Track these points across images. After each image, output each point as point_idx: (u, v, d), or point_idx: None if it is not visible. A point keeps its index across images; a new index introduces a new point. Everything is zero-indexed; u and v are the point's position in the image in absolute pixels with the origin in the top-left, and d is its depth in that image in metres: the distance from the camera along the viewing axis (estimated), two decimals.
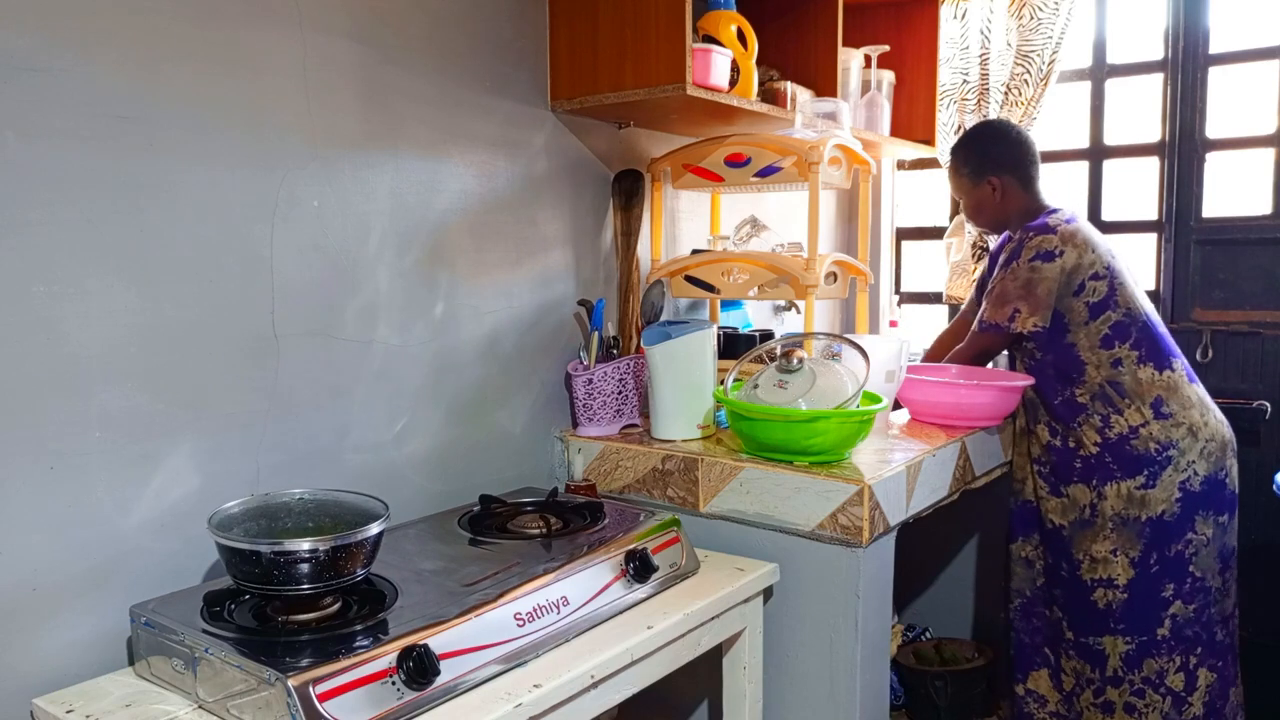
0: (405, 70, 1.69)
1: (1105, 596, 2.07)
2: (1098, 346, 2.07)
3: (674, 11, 1.79)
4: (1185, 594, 2.05)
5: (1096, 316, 2.06)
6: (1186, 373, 2.11)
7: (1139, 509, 2.04)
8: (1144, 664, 2.06)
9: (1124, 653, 2.06)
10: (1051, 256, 2.05)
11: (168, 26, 1.35)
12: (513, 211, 1.93)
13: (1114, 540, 2.06)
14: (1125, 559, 2.05)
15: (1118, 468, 2.06)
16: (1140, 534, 2.04)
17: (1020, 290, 2.07)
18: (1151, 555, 2.04)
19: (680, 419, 1.91)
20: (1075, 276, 2.05)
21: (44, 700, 1.22)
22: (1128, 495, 2.05)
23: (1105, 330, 2.06)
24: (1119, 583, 2.06)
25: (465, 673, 1.20)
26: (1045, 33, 2.69)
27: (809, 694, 1.70)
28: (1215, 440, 2.08)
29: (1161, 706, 2.05)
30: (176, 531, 1.40)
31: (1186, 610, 2.05)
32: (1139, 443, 2.05)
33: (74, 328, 1.27)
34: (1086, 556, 2.09)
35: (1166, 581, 2.04)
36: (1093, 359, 2.07)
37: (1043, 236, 2.07)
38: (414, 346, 1.74)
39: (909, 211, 3.31)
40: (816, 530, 1.66)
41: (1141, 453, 2.04)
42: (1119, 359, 2.06)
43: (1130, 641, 2.06)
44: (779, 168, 2.05)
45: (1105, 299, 2.06)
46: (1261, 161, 2.61)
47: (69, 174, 1.26)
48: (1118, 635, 2.07)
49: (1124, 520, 2.05)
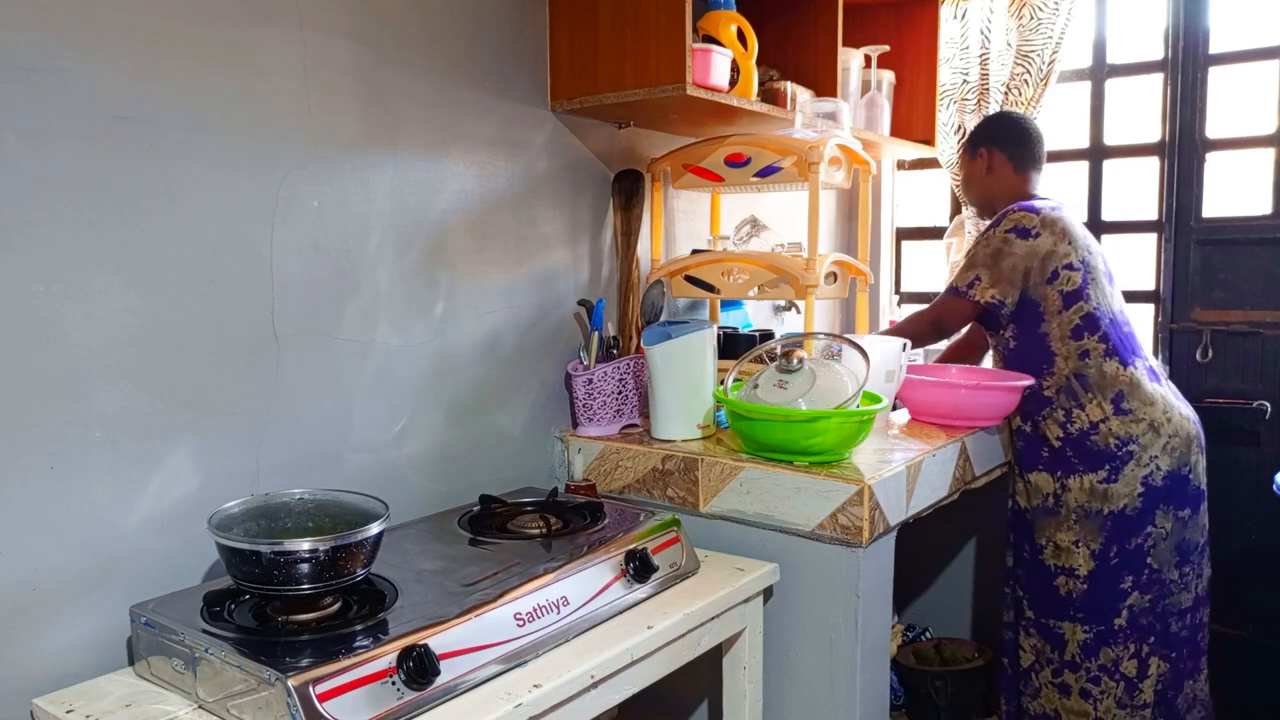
0: (405, 70, 1.69)
1: (1066, 585, 2.11)
2: (1068, 337, 2.10)
3: (674, 11, 1.79)
4: (1142, 585, 2.09)
5: (1069, 306, 2.09)
6: (1148, 372, 2.14)
7: (1101, 502, 2.08)
8: (1101, 652, 2.10)
9: (1082, 640, 2.10)
10: (1027, 234, 2.09)
11: (168, 26, 1.35)
12: (513, 211, 1.93)
13: (1076, 531, 2.09)
14: (1086, 550, 2.09)
15: (1079, 461, 2.09)
16: (1102, 527, 2.08)
17: (987, 258, 2.11)
18: (1112, 548, 2.08)
19: (680, 419, 1.91)
20: (1049, 263, 2.09)
21: (44, 700, 1.22)
22: (1090, 488, 2.08)
23: (1076, 320, 2.09)
24: (1079, 573, 2.10)
25: (465, 673, 1.20)
26: (1045, 33, 2.69)
27: (809, 694, 1.70)
28: (1179, 436, 2.10)
29: (1115, 692, 2.10)
30: (176, 531, 1.40)
31: (1143, 600, 2.09)
32: (1099, 438, 2.07)
33: (74, 328, 1.27)
34: (1050, 543, 2.13)
35: (1125, 573, 2.08)
36: (1062, 350, 2.10)
37: (1024, 213, 2.12)
38: (414, 346, 1.74)
39: (909, 211, 3.31)
40: (816, 530, 1.66)
41: (1102, 448, 2.07)
42: (1086, 350, 2.09)
43: (1089, 630, 2.10)
44: (779, 168, 2.05)
45: (1078, 290, 2.09)
46: (1261, 161, 2.61)
47: (69, 174, 1.26)
48: (1077, 623, 2.11)
49: (1087, 513, 2.09)
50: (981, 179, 2.31)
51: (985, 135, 2.31)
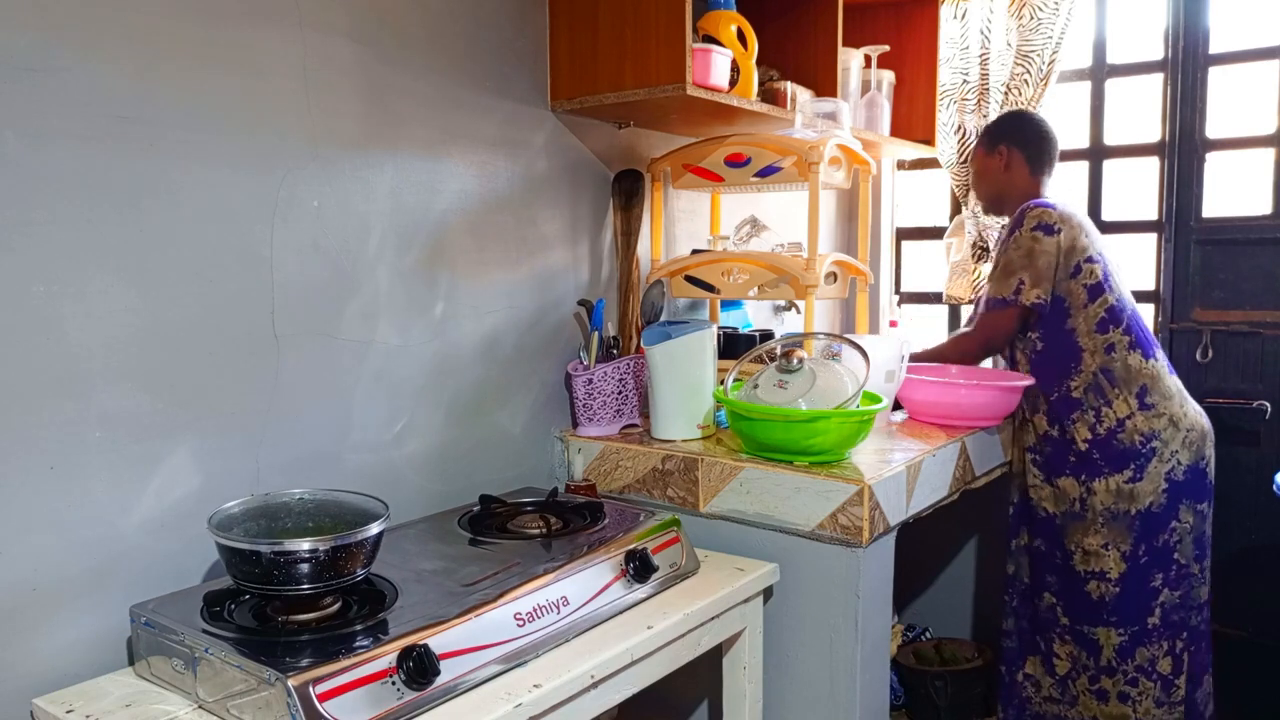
0: (405, 70, 1.69)
1: (1098, 589, 2.10)
2: (1094, 331, 2.10)
3: (674, 11, 1.79)
4: (1171, 581, 2.09)
5: (1094, 299, 2.09)
6: (1166, 365, 2.15)
7: (1128, 503, 2.07)
8: (1136, 653, 2.09)
9: (1118, 644, 2.09)
10: (1051, 230, 2.09)
11: (168, 26, 1.35)
12: (513, 211, 1.93)
13: (1105, 535, 2.09)
14: (1117, 553, 2.08)
15: (1105, 463, 2.09)
16: (1130, 527, 2.07)
17: (1023, 259, 2.10)
18: (1141, 547, 2.07)
19: (680, 419, 1.91)
20: (1072, 257, 2.09)
21: (44, 700, 1.22)
22: (1116, 490, 2.08)
23: (1101, 314, 2.09)
24: (1111, 576, 2.09)
25: (465, 673, 1.20)
26: (1045, 33, 2.69)
27: (809, 694, 1.70)
28: (1196, 430, 2.11)
29: (1153, 692, 2.09)
30: (176, 531, 1.40)
31: (1173, 596, 2.09)
32: (1125, 436, 2.08)
33: (74, 328, 1.27)
34: (1079, 548, 2.12)
35: (1155, 571, 2.08)
36: (1089, 344, 2.10)
37: (1044, 210, 2.12)
38: (414, 346, 1.74)
39: (909, 211, 3.31)
40: (816, 530, 1.66)
41: (1127, 446, 2.07)
42: (1112, 344, 2.09)
43: (1124, 633, 2.09)
44: (779, 168, 2.05)
45: (1100, 283, 2.10)
46: (1261, 161, 2.61)
47: (69, 174, 1.26)
48: (1111, 627, 2.10)
49: (1114, 514, 2.08)
50: (997, 175, 2.30)
51: (1006, 132, 2.30)
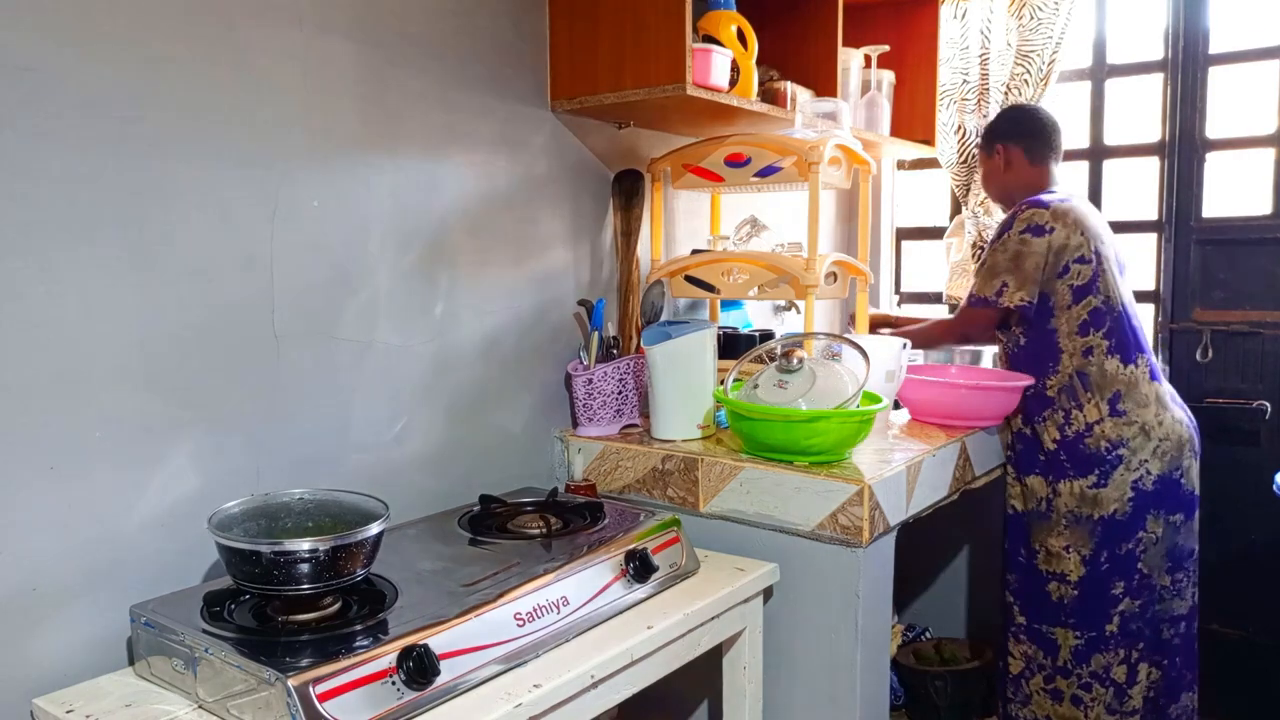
0: (405, 70, 1.69)
1: (1058, 590, 2.11)
2: (1075, 333, 2.09)
3: (674, 12, 1.79)
4: (1133, 590, 2.08)
5: (1079, 301, 2.09)
6: (1150, 369, 2.13)
7: (1091, 507, 2.07)
8: (1092, 659, 2.10)
9: (1074, 646, 2.10)
10: (1041, 231, 2.08)
11: (168, 26, 1.35)
12: (513, 211, 1.93)
13: (1067, 537, 2.09)
14: (1077, 556, 2.08)
15: (1070, 466, 2.09)
16: (1092, 532, 2.07)
17: (1009, 263, 2.10)
18: (1102, 553, 2.07)
19: (680, 419, 1.91)
20: (1062, 257, 2.08)
21: (44, 700, 1.22)
22: (1080, 493, 2.08)
23: (1084, 316, 2.09)
24: (1070, 579, 2.09)
25: (465, 673, 1.20)
26: (1045, 33, 2.69)
27: (809, 694, 1.70)
28: (1170, 440, 2.09)
29: (1105, 698, 2.10)
30: (176, 531, 1.40)
31: (1133, 606, 2.08)
32: (1092, 441, 2.07)
33: (74, 328, 1.27)
34: (1042, 548, 2.13)
35: (1116, 579, 2.07)
36: (1069, 346, 2.10)
37: (1035, 210, 2.11)
38: (414, 346, 1.74)
39: (909, 211, 3.31)
40: (816, 530, 1.66)
41: (1093, 451, 2.07)
42: (1090, 347, 2.08)
43: (1080, 636, 2.10)
44: (779, 168, 2.05)
45: (1088, 284, 2.09)
46: (1261, 161, 2.61)
47: (69, 174, 1.26)
48: (1069, 629, 2.10)
49: (1077, 518, 2.08)
50: (1000, 175, 2.31)
51: (999, 131, 2.31)
